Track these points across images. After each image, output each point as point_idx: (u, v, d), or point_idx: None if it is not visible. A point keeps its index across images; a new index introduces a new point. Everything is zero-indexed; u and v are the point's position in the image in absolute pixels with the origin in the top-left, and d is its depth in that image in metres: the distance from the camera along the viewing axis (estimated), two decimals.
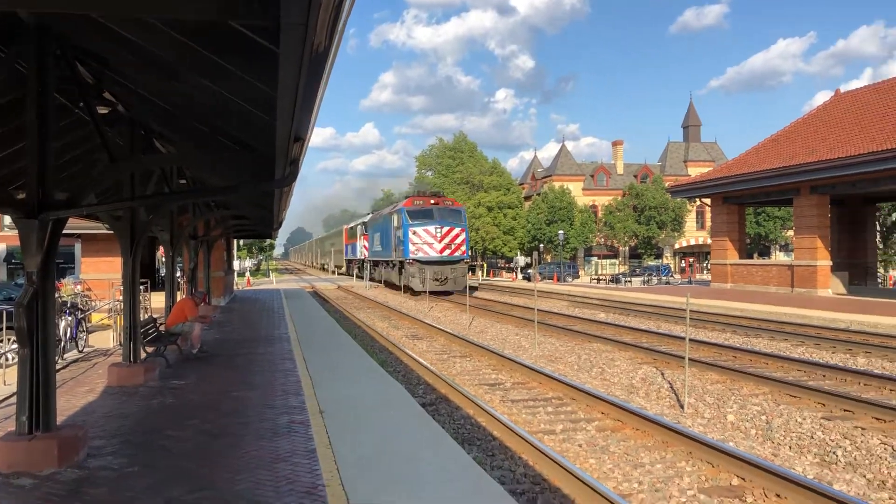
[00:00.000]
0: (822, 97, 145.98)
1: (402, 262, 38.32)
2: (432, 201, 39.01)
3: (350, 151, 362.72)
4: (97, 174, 9.46)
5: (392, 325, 24.10)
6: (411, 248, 36.76)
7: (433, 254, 36.65)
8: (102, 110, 9.39)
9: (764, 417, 9.72)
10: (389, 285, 45.16)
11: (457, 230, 37.37)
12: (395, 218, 39.65)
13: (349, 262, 66.03)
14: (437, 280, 35.86)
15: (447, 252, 36.87)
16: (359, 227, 57.65)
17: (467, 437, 9.35)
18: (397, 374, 13.72)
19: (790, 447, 8.65)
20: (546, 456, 7.86)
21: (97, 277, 27.68)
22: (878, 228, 45.30)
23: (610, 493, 6.58)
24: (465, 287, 32.20)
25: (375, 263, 49.68)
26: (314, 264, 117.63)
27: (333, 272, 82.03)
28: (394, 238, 39.74)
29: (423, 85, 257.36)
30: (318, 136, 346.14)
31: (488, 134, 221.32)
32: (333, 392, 10.40)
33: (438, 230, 36.78)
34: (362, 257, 55.34)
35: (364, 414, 9.08)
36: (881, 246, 47.56)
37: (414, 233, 36.81)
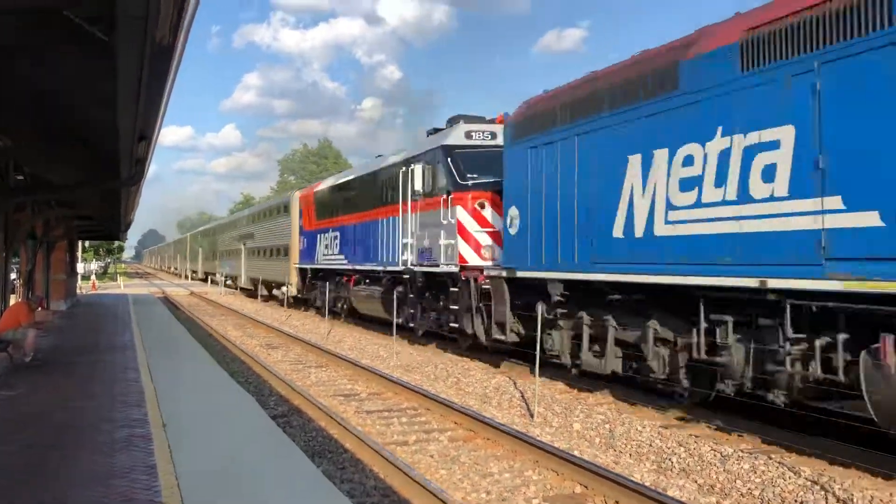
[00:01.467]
0: None
1: None
2: None
3: (210, 152, 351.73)
4: None
5: (247, 335, 23.43)
6: None
7: None
8: None
9: (608, 426, 10.11)
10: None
11: None
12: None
13: (317, 276, 28.07)
14: None
15: None
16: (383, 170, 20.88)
17: (318, 449, 9.17)
18: (249, 385, 13.33)
19: (630, 455, 9.04)
20: (397, 468, 7.83)
21: None
22: None
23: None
24: None
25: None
26: (183, 273, 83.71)
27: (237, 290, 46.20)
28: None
29: (288, 89, 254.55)
30: (175, 134, 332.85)
31: (354, 142, 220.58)
32: (179, 404, 9.95)
33: None
34: (397, 266, 18.69)
35: (211, 427, 8.74)
36: None
37: None
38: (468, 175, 15.78)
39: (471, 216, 15.30)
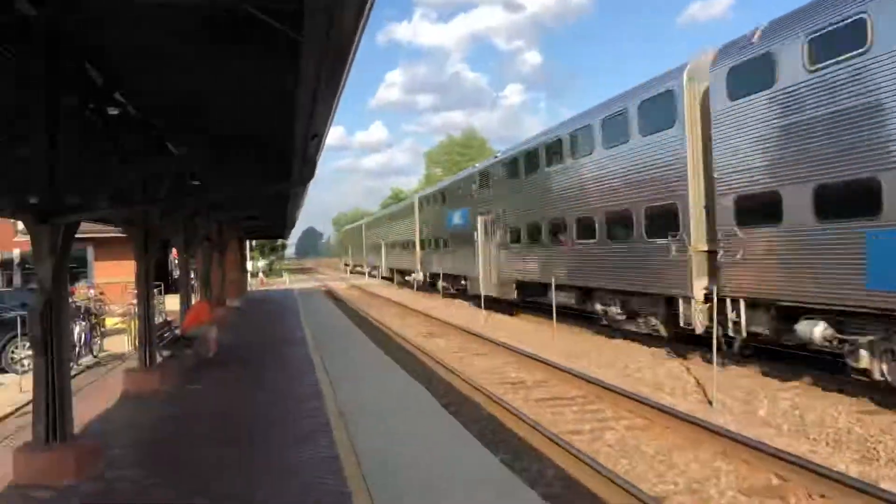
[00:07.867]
0: None
1: None
2: None
3: (359, 150, 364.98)
4: (107, 178, 9.21)
5: (406, 324, 23.86)
6: None
7: None
8: (113, 111, 9.16)
9: (797, 413, 9.43)
10: None
11: None
12: None
13: None
14: None
15: None
16: None
17: (492, 438, 9.11)
18: (416, 374, 13.49)
19: (827, 443, 8.36)
20: (576, 457, 7.62)
21: (110, 281, 27.56)
22: None
23: (645, 496, 6.34)
24: None
25: None
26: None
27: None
28: None
29: (430, 82, 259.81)
30: (329, 135, 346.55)
31: (497, 130, 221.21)
32: (353, 395, 10.20)
33: None
34: None
35: (386, 418, 8.89)
36: None
37: None
38: None
39: None
